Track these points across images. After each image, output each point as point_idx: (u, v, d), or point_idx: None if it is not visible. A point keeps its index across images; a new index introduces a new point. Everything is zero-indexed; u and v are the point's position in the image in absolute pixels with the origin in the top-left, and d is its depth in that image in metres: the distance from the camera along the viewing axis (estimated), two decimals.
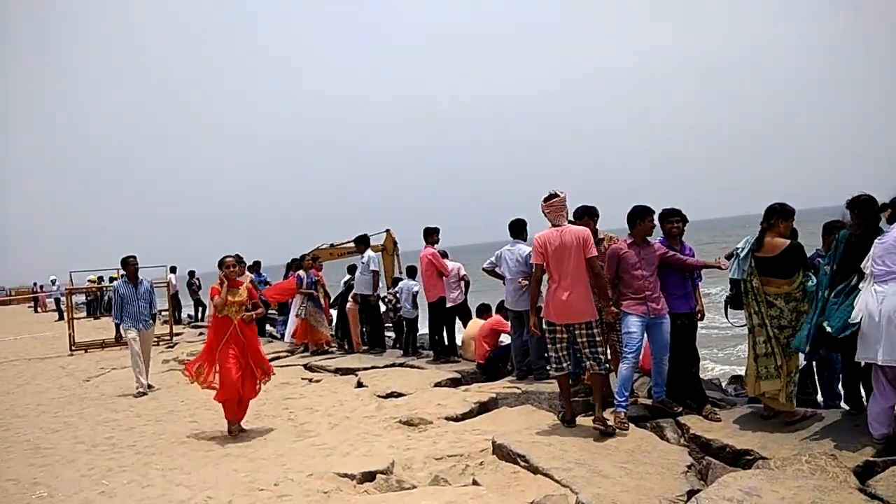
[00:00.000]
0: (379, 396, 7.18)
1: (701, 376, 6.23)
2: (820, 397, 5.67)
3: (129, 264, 9.13)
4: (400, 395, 7.14)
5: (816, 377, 5.59)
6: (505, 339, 7.99)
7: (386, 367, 8.89)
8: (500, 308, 8.12)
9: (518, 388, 6.90)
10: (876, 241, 4.31)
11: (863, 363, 4.35)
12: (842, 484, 3.74)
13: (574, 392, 5.87)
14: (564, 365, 5.20)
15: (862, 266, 4.36)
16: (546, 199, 5.18)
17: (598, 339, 5.13)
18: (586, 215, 5.99)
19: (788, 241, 4.87)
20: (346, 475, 4.62)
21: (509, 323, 7.63)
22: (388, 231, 13.51)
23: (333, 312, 11.84)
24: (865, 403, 4.65)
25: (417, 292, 9.93)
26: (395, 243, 13.38)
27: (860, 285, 4.35)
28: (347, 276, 11.47)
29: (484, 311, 8.90)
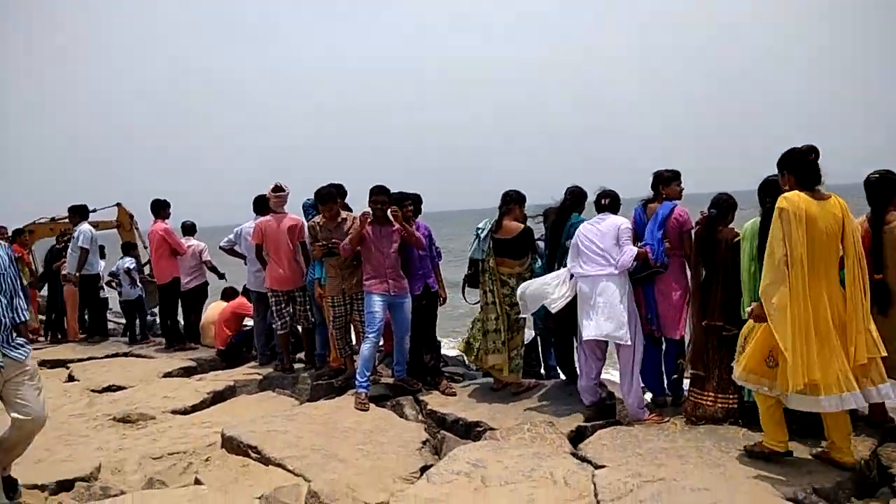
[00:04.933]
0: (92, 391, 6.22)
1: (443, 351, 6.41)
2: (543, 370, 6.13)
3: None
4: (119, 388, 6.26)
5: (540, 350, 6.03)
6: (249, 322, 7.49)
7: (106, 357, 7.78)
8: (245, 290, 7.56)
9: (259, 374, 6.48)
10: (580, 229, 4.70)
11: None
12: (557, 449, 4.02)
13: (318, 375, 6.09)
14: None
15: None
16: (273, 191, 6.28)
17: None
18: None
19: (523, 226, 5.14)
20: (35, 486, 3.87)
21: (252, 305, 7.14)
22: (119, 205, 11.92)
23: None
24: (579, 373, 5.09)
25: (132, 269, 8.93)
26: (130, 217, 11.89)
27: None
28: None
29: (229, 294, 8.25)
